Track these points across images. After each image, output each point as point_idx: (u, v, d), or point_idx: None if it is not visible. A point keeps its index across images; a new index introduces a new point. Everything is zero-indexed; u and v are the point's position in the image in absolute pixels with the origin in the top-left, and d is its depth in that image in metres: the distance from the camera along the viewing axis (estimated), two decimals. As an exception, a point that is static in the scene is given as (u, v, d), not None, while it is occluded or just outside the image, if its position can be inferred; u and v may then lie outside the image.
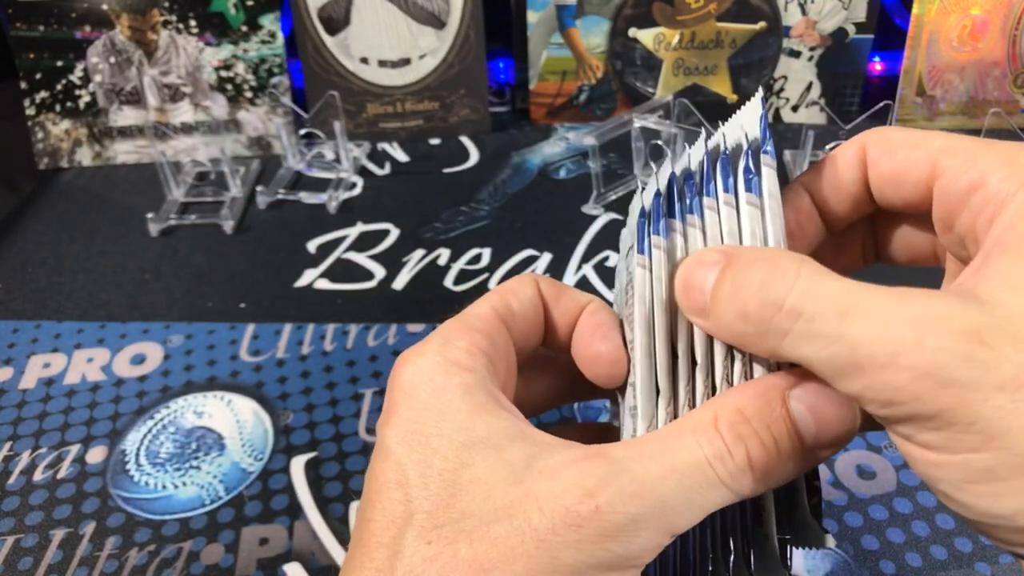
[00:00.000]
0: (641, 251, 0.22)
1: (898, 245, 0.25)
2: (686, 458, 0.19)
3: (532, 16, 0.66)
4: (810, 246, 0.24)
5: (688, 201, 0.23)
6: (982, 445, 0.18)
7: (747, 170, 0.23)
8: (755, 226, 0.22)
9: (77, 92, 0.65)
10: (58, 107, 0.65)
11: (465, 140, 0.68)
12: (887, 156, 0.23)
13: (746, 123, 0.24)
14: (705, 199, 0.23)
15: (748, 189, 0.23)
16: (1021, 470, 0.17)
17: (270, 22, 0.64)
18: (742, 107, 0.24)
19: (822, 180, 0.24)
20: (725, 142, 0.24)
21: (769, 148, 0.23)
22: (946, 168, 0.22)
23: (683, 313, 0.22)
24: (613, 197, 0.60)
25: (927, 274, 0.25)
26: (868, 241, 0.26)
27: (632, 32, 0.66)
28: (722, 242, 0.23)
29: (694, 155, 0.24)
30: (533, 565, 0.19)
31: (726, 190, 0.23)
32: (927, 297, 0.19)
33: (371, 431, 0.43)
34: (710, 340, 0.22)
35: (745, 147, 0.23)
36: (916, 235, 0.25)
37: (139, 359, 0.48)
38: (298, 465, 0.41)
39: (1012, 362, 0.17)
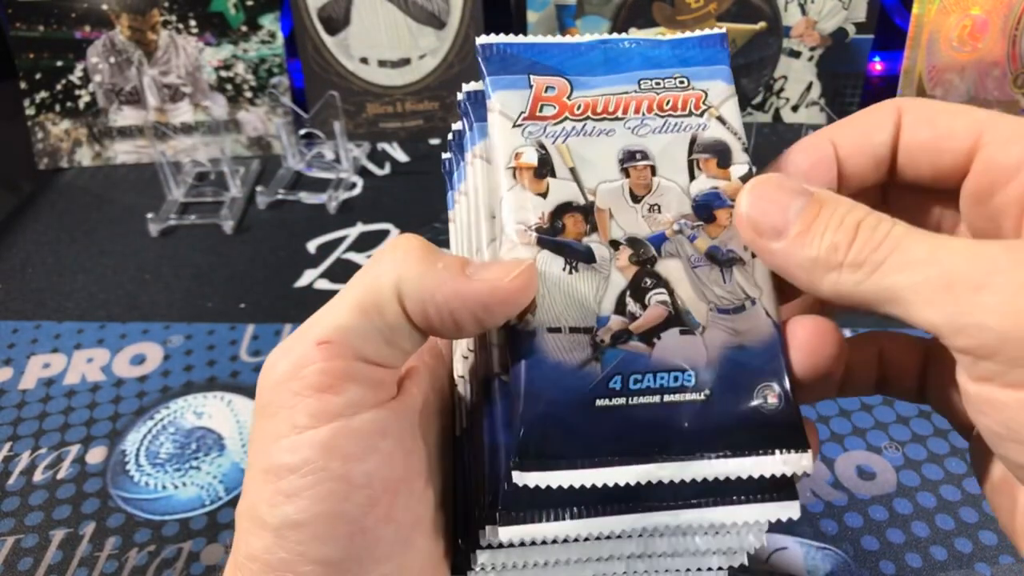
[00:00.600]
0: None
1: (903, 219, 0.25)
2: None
3: (532, 16, 0.66)
4: None
5: (457, 166, 0.26)
6: None
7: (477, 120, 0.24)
8: (482, 180, 0.24)
9: (77, 92, 0.65)
10: (58, 107, 0.65)
11: (465, 140, 0.68)
12: (927, 123, 0.23)
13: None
14: (465, 157, 0.25)
15: (473, 142, 0.24)
16: None
17: (270, 22, 0.64)
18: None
19: (850, 135, 0.24)
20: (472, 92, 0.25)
21: (490, 86, 0.24)
22: (993, 139, 0.21)
23: (737, 226, 0.22)
24: (613, 197, 0.60)
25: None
26: None
27: (632, 32, 0.66)
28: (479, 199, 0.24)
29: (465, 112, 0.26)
30: None
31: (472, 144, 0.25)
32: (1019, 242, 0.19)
33: (371, 431, 0.43)
34: None
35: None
36: (924, 212, 0.25)
37: (139, 359, 0.48)
38: (298, 465, 0.41)
39: None
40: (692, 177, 0.24)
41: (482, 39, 0.24)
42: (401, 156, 0.67)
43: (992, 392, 0.18)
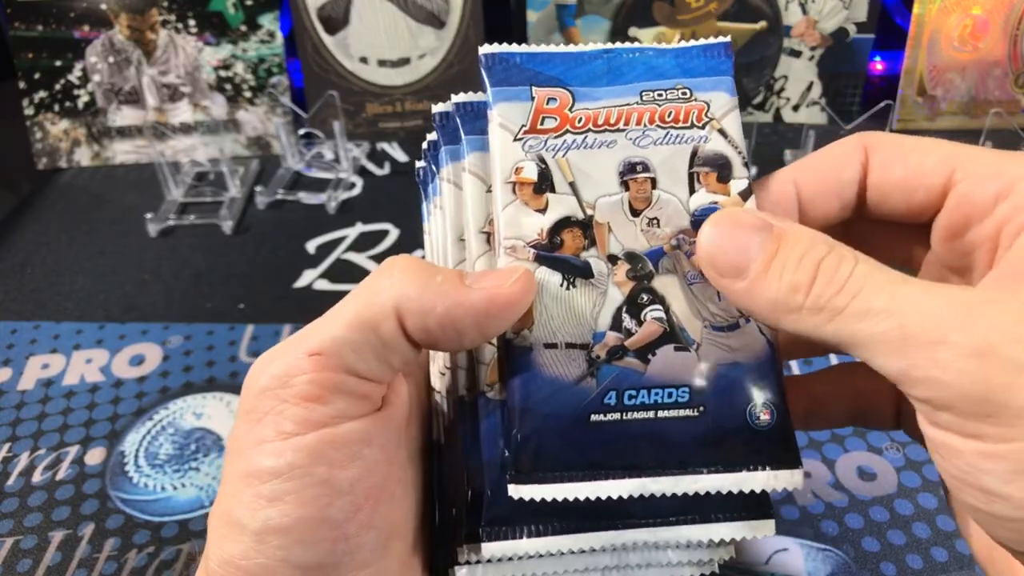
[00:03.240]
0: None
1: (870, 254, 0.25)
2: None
3: (532, 16, 0.65)
4: None
5: (432, 178, 0.26)
6: None
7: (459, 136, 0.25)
8: (462, 206, 0.25)
9: (76, 92, 0.65)
10: (57, 107, 0.65)
11: (465, 140, 0.68)
12: (897, 161, 0.22)
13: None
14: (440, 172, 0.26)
15: (456, 158, 0.25)
16: None
17: (269, 22, 0.64)
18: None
19: (814, 174, 0.23)
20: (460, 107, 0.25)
21: (492, 98, 0.23)
22: (966, 175, 0.21)
23: (698, 262, 0.22)
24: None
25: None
26: None
27: (632, 31, 0.65)
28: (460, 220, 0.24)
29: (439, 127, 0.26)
30: None
31: (450, 160, 0.25)
32: (977, 288, 0.19)
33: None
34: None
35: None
36: (892, 246, 0.25)
37: (138, 360, 0.48)
38: (297, 466, 0.41)
39: None
40: (692, 191, 0.23)
41: (485, 49, 0.24)
42: (401, 156, 0.67)
43: (949, 439, 0.19)
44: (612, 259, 0.23)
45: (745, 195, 0.23)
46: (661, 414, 0.22)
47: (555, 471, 0.21)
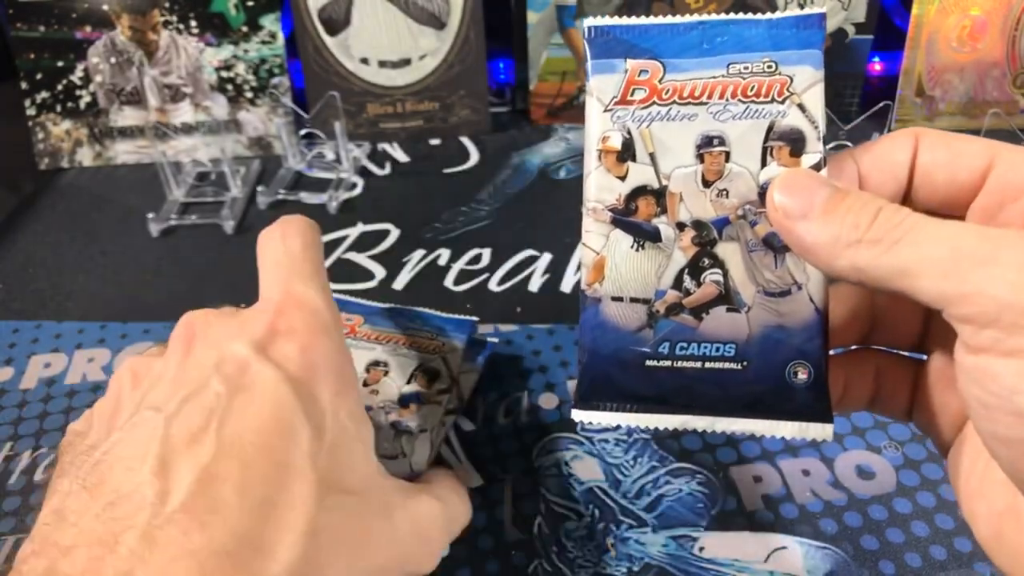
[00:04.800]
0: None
1: None
2: None
3: (532, 16, 0.66)
4: None
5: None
6: None
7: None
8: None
9: (78, 92, 0.65)
10: (59, 107, 0.65)
11: (465, 140, 0.68)
12: (944, 146, 0.25)
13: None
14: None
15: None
16: None
17: (270, 22, 0.64)
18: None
19: (871, 154, 0.26)
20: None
21: (590, 69, 0.26)
22: (1005, 160, 0.24)
23: (768, 212, 0.24)
24: (613, 197, 0.60)
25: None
26: None
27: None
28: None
29: None
30: None
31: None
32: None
33: (371, 431, 0.43)
34: None
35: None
36: None
37: (140, 359, 0.48)
38: (299, 465, 0.42)
39: None
40: (764, 164, 0.25)
41: (589, 21, 0.26)
42: (401, 156, 0.67)
43: (988, 362, 0.20)
44: (680, 226, 0.26)
45: (817, 167, 0.25)
46: (708, 365, 0.25)
47: (610, 402, 0.26)
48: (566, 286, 0.53)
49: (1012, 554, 0.23)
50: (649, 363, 0.25)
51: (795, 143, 0.25)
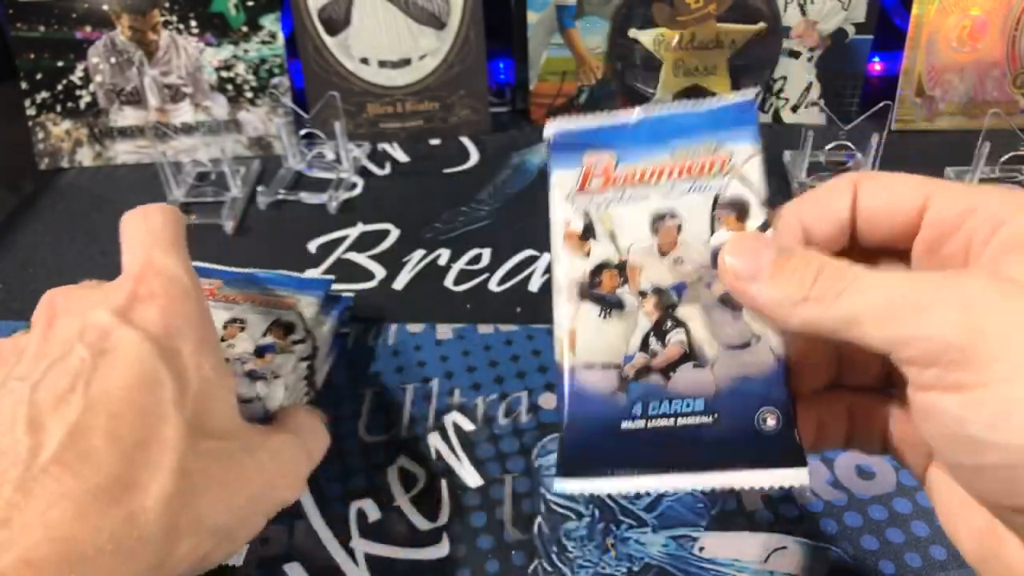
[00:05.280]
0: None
1: None
2: None
3: (532, 17, 0.66)
4: None
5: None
6: (1011, 376, 0.20)
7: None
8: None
9: (78, 92, 0.65)
10: (59, 107, 0.65)
11: (465, 140, 0.68)
12: (881, 189, 0.26)
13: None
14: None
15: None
16: None
17: (270, 22, 0.64)
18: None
19: (813, 205, 0.27)
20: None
21: (552, 165, 0.29)
22: (939, 199, 0.25)
23: (719, 274, 0.26)
24: (613, 197, 0.60)
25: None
26: None
27: (632, 33, 0.66)
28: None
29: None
30: None
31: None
32: (950, 270, 0.23)
33: (370, 431, 0.43)
34: None
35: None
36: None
37: (140, 359, 0.48)
38: (298, 465, 0.42)
39: None
40: (713, 231, 0.27)
41: (549, 126, 0.29)
42: (401, 156, 0.67)
43: (935, 398, 0.21)
44: (642, 293, 0.28)
45: (763, 228, 0.27)
46: (680, 421, 0.26)
47: (592, 469, 0.26)
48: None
49: (1000, 573, 0.24)
50: (625, 425, 0.26)
51: (740, 211, 0.27)
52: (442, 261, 0.55)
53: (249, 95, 0.66)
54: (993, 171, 0.58)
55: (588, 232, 0.28)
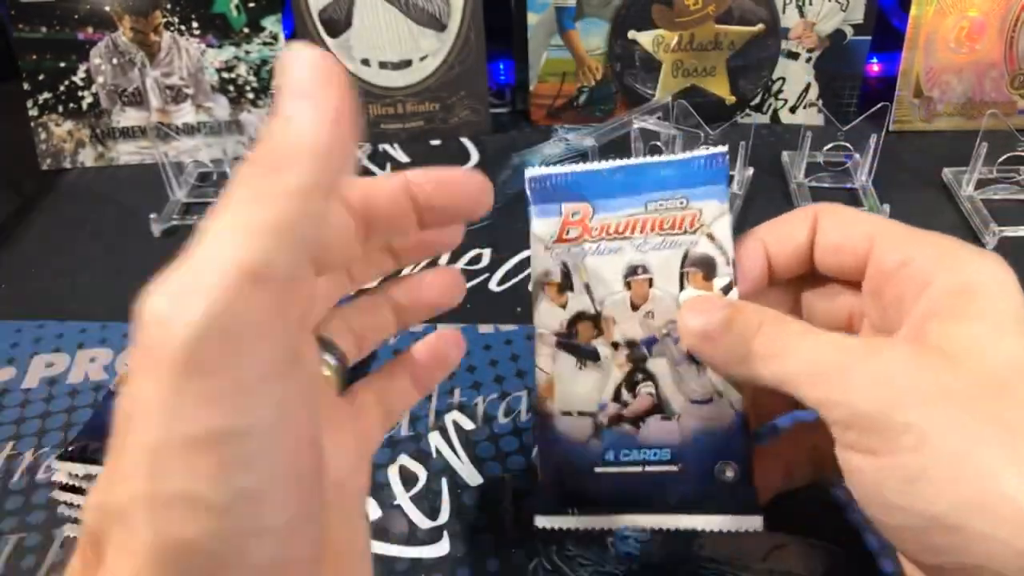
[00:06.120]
0: None
1: (819, 310, 0.30)
2: None
3: (532, 18, 0.66)
4: (754, 286, 0.29)
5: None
6: (917, 446, 0.21)
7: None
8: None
9: (80, 93, 0.65)
10: (61, 108, 0.65)
11: (465, 141, 0.69)
12: (836, 227, 0.27)
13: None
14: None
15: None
16: (950, 472, 0.21)
17: (272, 24, 0.65)
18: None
19: (776, 234, 0.29)
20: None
21: (532, 214, 0.30)
22: (880, 246, 0.26)
23: (681, 334, 0.28)
24: (613, 198, 0.60)
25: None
26: (796, 308, 0.31)
27: (631, 34, 0.66)
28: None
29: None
30: None
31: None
32: (876, 338, 0.26)
33: (372, 430, 0.43)
34: None
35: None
36: (839, 305, 0.29)
37: (142, 359, 0.48)
38: (300, 464, 0.42)
39: (939, 382, 0.22)
40: (682, 287, 0.29)
41: (530, 172, 0.30)
42: (402, 157, 0.67)
43: (855, 458, 0.23)
44: (615, 345, 0.29)
45: (726, 289, 0.28)
46: (648, 468, 0.28)
47: (567, 508, 0.29)
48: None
49: None
50: (598, 469, 0.29)
51: (707, 269, 0.28)
52: (442, 261, 0.56)
53: (251, 96, 0.66)
54: (991, 171, 0.58)
55: (566, 283, 0.30)
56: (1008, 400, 0.21)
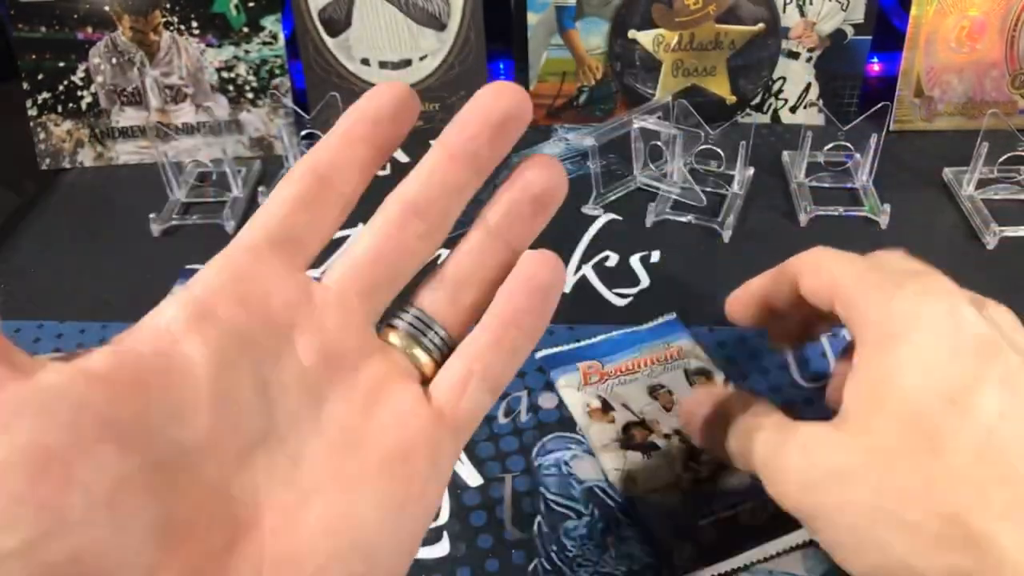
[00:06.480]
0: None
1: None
2: None
3: (532, 18, 0.66)
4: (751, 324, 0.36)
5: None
6: (826, 528, 0.28)
7: None
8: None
9: (79, 93, 0.65)
10: (60, 108, 0.65)
11: (465, 141, 0.68)
12: (810, 276, 0.31)
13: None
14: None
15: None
16: (851, 550, 0.27)
17: (271, 23, 0.65)
18: None
19: (770, 283, 0.34)
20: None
21: (555, 377, 0.44)
22: (838, 307, 0.30)
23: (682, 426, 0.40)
24: (613, 197, 0.60)
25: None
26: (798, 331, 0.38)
27: (631, 34, 0.66)
28: None
29: None
30: None
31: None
32: (824, 425, 0.29)
33: (372, 430, 0.43)
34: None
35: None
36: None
37: (141, 359, 0.48)
38: (300, 464, 0.42)
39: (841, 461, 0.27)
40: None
41: (541, 353, 0.44)
42: (402, 157, 0.67)
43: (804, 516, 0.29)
44: (666, 436, 0.40)
45: (725, 382, 0.42)
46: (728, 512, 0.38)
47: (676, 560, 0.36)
48: (566, 286, 0.53)
49: None
50: (701, 522, 0.36)
51: (706, 375, 0.43)
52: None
53: (250, 96, 0.66)
54: (992, 171, 0.58)
55: (607, 406, 0.41)
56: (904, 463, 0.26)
